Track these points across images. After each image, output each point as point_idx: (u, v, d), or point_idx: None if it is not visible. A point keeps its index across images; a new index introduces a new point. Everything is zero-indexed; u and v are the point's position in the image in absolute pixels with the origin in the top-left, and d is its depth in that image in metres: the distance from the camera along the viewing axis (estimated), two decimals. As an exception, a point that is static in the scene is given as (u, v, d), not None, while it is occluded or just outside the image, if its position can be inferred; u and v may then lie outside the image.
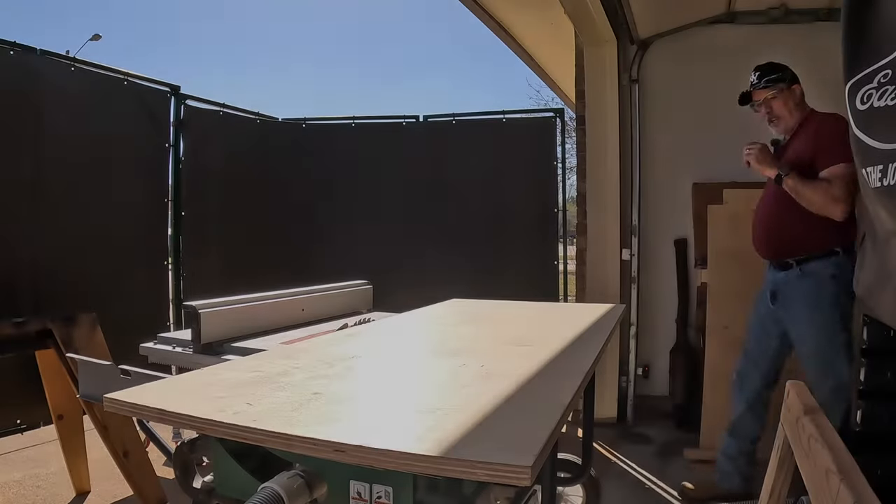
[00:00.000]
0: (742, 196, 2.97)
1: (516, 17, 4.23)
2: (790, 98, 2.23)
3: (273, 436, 0.68)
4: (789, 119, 2.23)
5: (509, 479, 0.57)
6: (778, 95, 2.22)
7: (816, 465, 0.97)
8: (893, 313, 1.23)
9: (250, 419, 0.72)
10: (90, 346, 2.24)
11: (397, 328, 1.52)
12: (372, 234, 4.53)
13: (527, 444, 0.62)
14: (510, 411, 0.77)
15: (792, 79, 2.24)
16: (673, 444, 3.07)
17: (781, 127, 2.26)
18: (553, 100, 12.34)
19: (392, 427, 0.70)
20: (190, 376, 0.94)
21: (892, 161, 1.16)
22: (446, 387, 0.89)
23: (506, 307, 1.86)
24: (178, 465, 1.04)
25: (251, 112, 4.47)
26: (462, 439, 0.65)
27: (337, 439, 0.65)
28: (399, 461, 0.61)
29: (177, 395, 0.84)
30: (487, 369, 0.97)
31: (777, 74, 2.24)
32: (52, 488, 2.53)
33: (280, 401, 0.82)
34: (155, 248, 3.62)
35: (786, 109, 2.22)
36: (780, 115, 2.24)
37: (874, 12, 1.25)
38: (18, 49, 2.85)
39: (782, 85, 2.22)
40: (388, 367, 1.10)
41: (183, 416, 0.75)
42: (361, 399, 0.86)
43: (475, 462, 0.58)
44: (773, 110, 2.24)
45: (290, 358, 1.09)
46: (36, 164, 2.92)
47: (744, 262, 2.91)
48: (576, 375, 0.93)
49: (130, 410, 0.80)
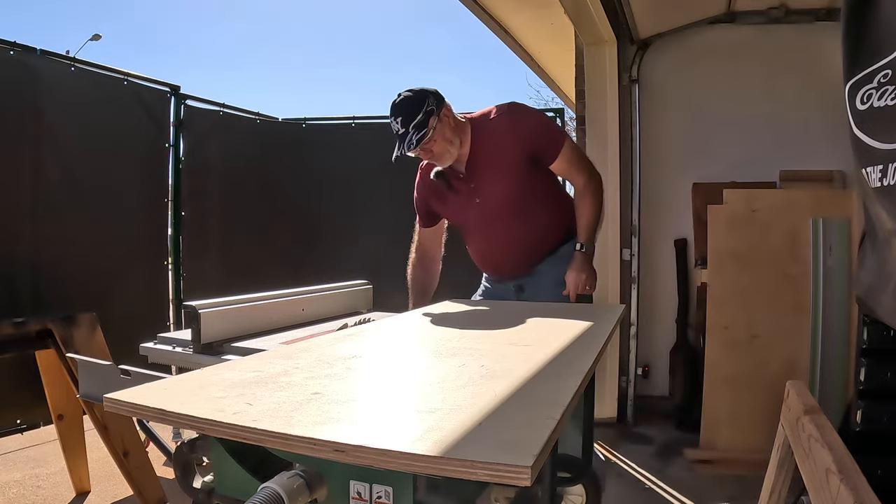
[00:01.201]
0: (742, 196, 2.97)
1: (516, 18, 4.22)
2: (446, 127, 1.84)
3: (273, 436, 0.68)
4: (452, 148, 1.88)
5: (509, 479, 0.56)
6: (433, 136, 1.82)
7: (816, 465, 0.97)
8: (893, 313, 1.23)
9: (250, 419, 0.72)
10: (90, 346, 2.24)
11: (397, 328, 1.52)
12: (372, 234, 4.53)
13: (527, 444, 0.62)
14: (510, 412, 0.77)
15: (439, 103, 1.84)
16: (673, 444, 3.07)
17: (447, 158, 1.90)
18: (553, 100, 12.35)
19: (392, 427, 0.71)
20: (190, 376, 0.94)
21: (892, 161, 1.16)
22: (446, 387, 0.89)
23: (504, 307, 1.86)
24: (178, 465, 1.04)
25: (251, 112, 4.47)
26: (462, 439, 0.65)
27: (337, 439, 0.65)
28: (399, 461, 0.61)
29: (177, 395, 0.84)
30: (487, 369, 0.98)
31: (423, 113, 1.79)
32: (52, 488, 2.54)
33: (280, 401, 0.82)
34: (155, 248, 3.62)
35: (445, 141, 1.86)
36: (442, 151, 1.87)
37: (874, 12, 1.25)
38: (18, 49, 2.85)
39: (433, 119, 1.81)
40: (388, 367, 1.10)
41: (183, 416, 0.75)
42: (361, 399, 0.86)
43: (475, 462, 0.58)
44: (434, 153, 1.87)
45: (291, 358, 1.09)
46: (36, 164, 2.92)
47: (744, 262, 2.91)
48: (576, 376, 0.93)
49: (130, 410, 0.80)
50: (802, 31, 3.33)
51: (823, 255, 2.84)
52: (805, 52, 3.33)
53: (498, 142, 1.90)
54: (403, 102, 1.82)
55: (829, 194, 3.06)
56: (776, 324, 2.85)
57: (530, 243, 1.99)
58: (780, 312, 2.86)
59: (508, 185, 1.92)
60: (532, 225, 1.96)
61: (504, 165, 1.90)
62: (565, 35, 3.97)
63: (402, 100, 1.83)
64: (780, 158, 3.32)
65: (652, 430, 3.30)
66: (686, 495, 2.47)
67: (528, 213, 1.95)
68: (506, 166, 1.90)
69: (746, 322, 2.86)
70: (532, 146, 1.89)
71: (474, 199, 1.98)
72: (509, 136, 1.89)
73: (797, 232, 2.88)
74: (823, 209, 2.86)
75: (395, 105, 1.83)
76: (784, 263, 2.88)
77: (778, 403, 1.47)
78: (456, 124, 1.90)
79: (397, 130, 1.82)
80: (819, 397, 2.75)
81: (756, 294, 2.89)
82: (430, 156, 1.89)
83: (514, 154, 1.89)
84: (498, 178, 1.92)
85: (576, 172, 1.96)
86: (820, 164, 3.23)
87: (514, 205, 1.94)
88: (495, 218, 1.96)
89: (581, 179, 1.96)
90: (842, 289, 2.81)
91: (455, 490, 0.89)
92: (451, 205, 2.05)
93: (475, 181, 1.96)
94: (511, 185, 1.92)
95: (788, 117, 3.39)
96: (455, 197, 2.02)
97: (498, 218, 1.96)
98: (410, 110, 1.80)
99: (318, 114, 12.06)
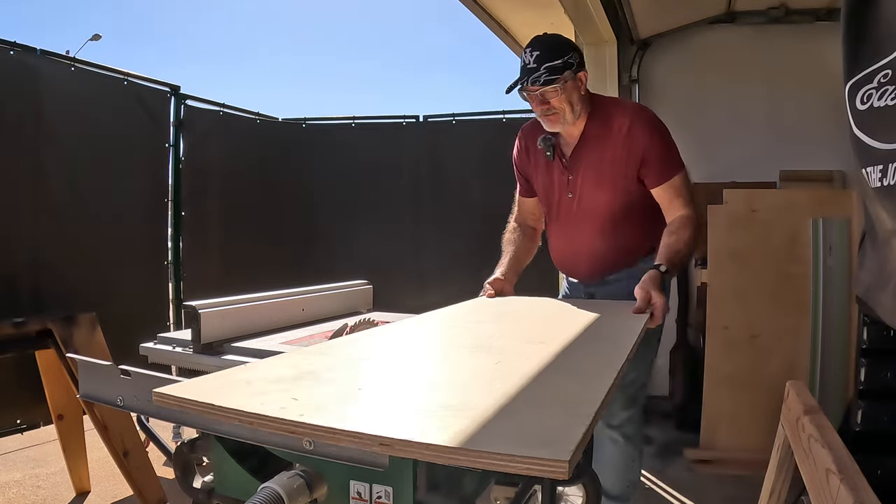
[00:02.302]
0: (742, 196, 2.97)
1: (516, 17, 4.22)
2: (574, 90, 1.74)
3: (320, 430, 0.70)
4: (570, 115, 1.75)
5: (547, 472, 0.59)
6: (560, 90, 1.70)
7: (816, 465, 0.97)
8: (893, 313, 1.23)
9: (296, 414, 0.73)
10: (90, 346, 2.24)
11: (431, 324, 1.50)
12: (372, 233, 4.53)
13: (563, 439, 0.64)
14: (545, 408, 0.78)
15: (580, 63, 1.75)
16: (673, 444, 3.07)
17: (558, 123, 1.76)
18: (553, 100, 12.32)
19: (432, 422, 0.71)
20: (229, 373, 0.94)
21: (892, 161, 1.16)
22: (480, 384, 0.90)
23: (523, 303, 1.83)
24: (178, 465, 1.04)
25: (251, 112, 4.47)
26: (499, 434, 0.67)
27: (383, 433, 0.66)
28: (444, 455, 0.63)
29: (220, 390, 0.84)
30: (518, 367, 0.98)
31: (562, 60, 1.68)
32: (52, 488, 2.54)
33: (322, 396, 0.82)
34: (155, 248, 3.62)
35: (567, 104, 1.73)
36: (560, 110, 1.73)
37: (874, 12, 1.25)
38: (18, 49, 2.85)
39: (569, 73, 1.70)
40: (421, 365, 1.11)
41: (230, 410, 0.76)
42: (400, 395, 0.87)
43: (514, 456, 0.60)
44: (550, 105, 1.72)
45: (324, 354, 1.10)
46: (36, 164, 2.92)
47: (744, 262, 2.91)
48: (608, 375, 0.93)
49: (178, 405, 0.82)
50: (802, 31, 3.33)
51: (823, 255, 2.84)
52: (805, 52, 3.33)
53: (609, 143, 1.76)
54: (549, 40, 1.73)
55: (829, 194, 3.06)
56: (776, 324, 2.85)
57: (612, 257, 1.85)
58: (780, 312, 2.86)
59: (606, 196, 1.79)
60: (619, 241, 1.83)
61: (607, 173, 1.77)
62: (565, 35, 3.97)
63: (549, 37, 1.74)
64: (780, 158, 3.32)
65: (652, 429, 3.30)
66: (686, 495, 2.47)
67: (618, 228, 1.81)
68: (609, 175, 1.77)
69: (746, 322, 2.86)
70: (640, 163, 1.75)
71: (567, 193, 1.85)
72: (622, 144, 1.74)
73: (797, 232, 2.88)
74: (823, 209, 2.86)
75: (539, 39, 1.72)
76: (784, 263, 2.88)
77: (778, 403, 1.47)
78: (585, 94, 1.79)
79: (527, 63, 1.69)
80: (819, 397, 2.75)
81: (756, 294, 2.89)
82: (545, 108, 1.73)
83: (620, 165, 1.75)
84: (598, 185, 1.79)
85: (677, 206, 1.75)
86: (820, 164, 3.23)
87: (607, 218, 1.80)
88: (583, 222, 1.84)
89: (680, 213, 1.75)
90: (842, 289, 2.81)
91: (455, 490, 0.89)
92: (542, 183, 1.93)
93: (574, 175, 1.82)
94: (608, 197, 1.79)
95: (788, 117, 3.39)
96: (549, 178, 1.89)
97: (586, 223, 1.84)
98: (552, 52, 1.68)
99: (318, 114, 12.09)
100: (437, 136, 4.54)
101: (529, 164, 1.96)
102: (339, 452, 0.79)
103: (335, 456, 0.79)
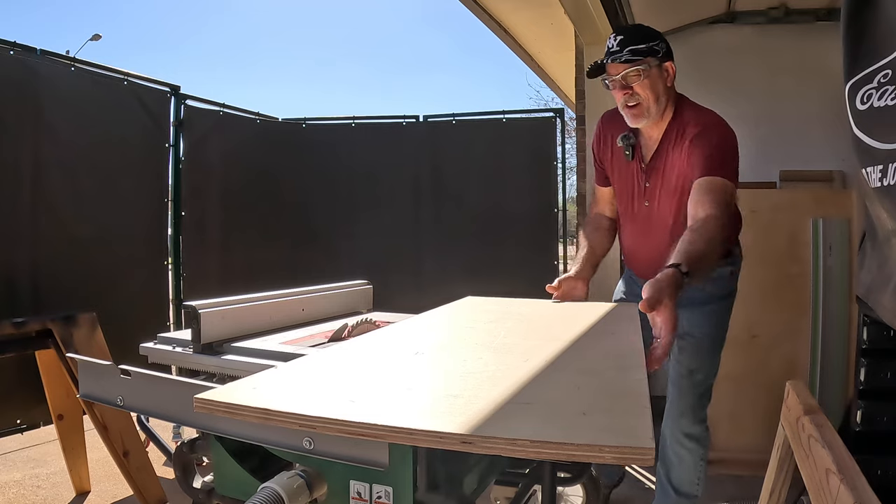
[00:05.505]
0: (742, 196, 2.95)
1: (516, 17, 4.23)
2: (660, 80, 1.67)
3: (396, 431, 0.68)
4: (653, 106, 1.68)
5: (635, 460, 0.61)
6: (643, 74, 1.64)
7: (816, 465, 0.97)
8: (893, 313, 1.23)
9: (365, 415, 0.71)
10: (90, 346, 2.24)
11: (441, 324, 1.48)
12: (372, 234, 4.53)
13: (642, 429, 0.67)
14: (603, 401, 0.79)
15: (666, 53, 1.69)
16: (673, 444, 3.07)
17: (641, 117, 1.69)
18: (553, 100, 12.36)
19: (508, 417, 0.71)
20: (270, 374, 0.90)
21: (892, 161, 1.16)
22: (533, 381, 0.88)
23: (528, 305, 1.83)
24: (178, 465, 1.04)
25: (251, 112, 4.47)
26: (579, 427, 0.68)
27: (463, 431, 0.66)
28: (529, 449, 0.63)
29: (270, 393, 0.81)
30: (555, 365, 0.97)
31: (646, 45, 1.64)
32: (52, 488, 2.54)
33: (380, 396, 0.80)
34: (155, 248, 3.62)
35: (651, 93, 1.66)
36: (644, 98, 1.66)
37: (874, 12, 1.25)
38: (18, 49, 2.85)
39: (653, 60, 1.65)
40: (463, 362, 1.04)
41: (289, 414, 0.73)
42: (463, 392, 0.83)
43: (602, 446, 0.62)
44: (633, 91, 1.66)
45: (362, 352, 1.08)
46: (36, 164, 2.92)
47: (744, 262, 2.91)
48: (640, 368, 0.94)
49: (226, 410, 0.76)
50: (802, 31, 3.33)
51: (823, 255, 2.84)
52: (805, 52, 3.32)
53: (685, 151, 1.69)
54: (634, 27, 1.72)
55: (829, 194, 3.05)
56: (776, 324, 2.85)
57: None
58: (780, 312, 2.86)
59: (676, 206, 1.73)
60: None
61: (678, 185, 1.71)
62: (565, 35, 3.97)
63: (635, 25, 1.73)
64: (780, 158, 3.31)
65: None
66: (686, 495, 2.47)
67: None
68: (679, 187, 1.71)
69: (746, 322, 2.86)
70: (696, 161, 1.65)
71: (644, 201, 1.81)
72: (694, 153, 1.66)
73: (797, 232, 2.88)
74: (823, 209, 2.86)
75: (624, 26, 1.72)
76: (784, 263, 2.88)
77: (778, 403, 1.47)
78: (671, 89, 1.72)
79: (611, 46, 1.64)
80: (819, 397, 2.75)
81: (756, 294, 2.88)
82: (628, 95, 1.66)
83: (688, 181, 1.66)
84: (671, 196, 1.74)
85: (706, 203, 1.54)
86: (820, 164, 3.23)
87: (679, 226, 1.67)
88: (655, 230, 1.80)
89: (707, 212, 1.53)
90: (842, 289, 2.81)
91: (454, 490, 0.89)
92: (619, 182, 1.88)
93: (652, 183, 1.77)
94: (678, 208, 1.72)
95: (788, 117, 3.38)
96: (626, 179, 1.84)
97: (658, 231, 1.79)
98: (636, 37, 1.64)
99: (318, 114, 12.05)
100: (437, 136, 4.54)
101: (607, 155, 1.91)
102: (339, 452, 0.79)
103: (335, 455, 0.79)
